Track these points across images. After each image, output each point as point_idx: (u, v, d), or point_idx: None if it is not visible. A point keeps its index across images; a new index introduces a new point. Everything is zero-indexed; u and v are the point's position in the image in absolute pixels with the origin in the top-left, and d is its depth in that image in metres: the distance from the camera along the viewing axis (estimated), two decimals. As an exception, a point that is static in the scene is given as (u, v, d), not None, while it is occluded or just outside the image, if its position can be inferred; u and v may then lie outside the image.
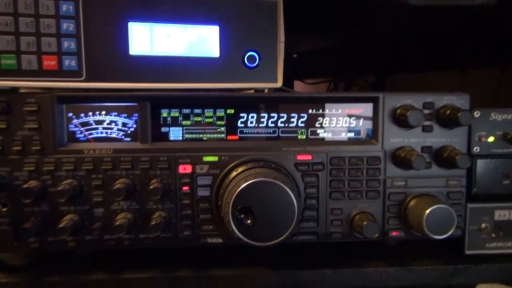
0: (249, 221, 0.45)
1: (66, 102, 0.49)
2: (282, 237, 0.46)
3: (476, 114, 0.53)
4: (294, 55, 1.16)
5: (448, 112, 0.51)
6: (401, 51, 1.05)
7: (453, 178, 0.53)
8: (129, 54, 0.49)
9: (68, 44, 0.47)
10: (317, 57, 1.16)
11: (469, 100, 0.53)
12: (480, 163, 0.54)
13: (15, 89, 0.48)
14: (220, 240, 0.51)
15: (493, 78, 0.96)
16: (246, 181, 0.45)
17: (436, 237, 0.49)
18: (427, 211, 0.49)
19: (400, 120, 0.51)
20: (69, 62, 0.47)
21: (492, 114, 0.54)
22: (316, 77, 1.31)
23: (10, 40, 0.46)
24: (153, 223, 0.48)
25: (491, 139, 0.54)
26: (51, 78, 0.47)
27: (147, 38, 0.50)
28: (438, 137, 0.53)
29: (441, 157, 0.52)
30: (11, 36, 0.46)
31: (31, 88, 0.50)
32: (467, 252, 0.55)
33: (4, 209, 0.48)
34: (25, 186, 0.46)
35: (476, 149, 0.54)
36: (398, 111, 0.52)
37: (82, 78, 0.48)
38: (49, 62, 0.47)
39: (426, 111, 0.52)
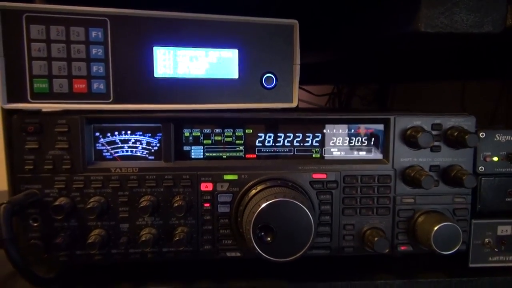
0: (269, 239, 0.48)
1: (94, 123, 0.51)
2: (300, 253, 0.48)
3: (482, 135, 0.56)
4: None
5: (456, 134, 0.54)
6: (404, 62, 1.07)
7: (459, 195, 0.56)
8: (154, 77, 0.52)
9: (97, 68, 0.50)
10: (319, 68, 1.19)
11: (475, 121, 0.56)
12: (485, 182, 0.57)
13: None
14: (238, 254, 0.54)
15: (494, 88, 0.99)
16: (267, 200, 0.47)
17: (443, 253, 0.52)
18: (435, 228, 0.52)
19: (410, 141, 0.54)
20: (98, 85, 0.50)
21: (497, 135, 0.56)
22: (318, 84, 1.34)
23: (43, 65, 0.48)
24: (177, 238, 0.50)
25: (495, 158, 0.57)
26: (81, 100, 0.50)
27: (171, 61, 0.52)
28: (446, 157, 0.56)
29: (448, 176, 0.55)
30: (44, 61, 0.48)
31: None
32: (471, 265, 0.58)
33: (35, 224, 0.50)
34: (57, 203, 0.48)
35: (481, 168, 0.57)
36: (408, 132, 0.55)
37: (110, 100, 0.51)
38: (79, 86, 0.49)
39: (434, 132, 0.55)
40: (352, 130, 0.56)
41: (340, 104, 1.26)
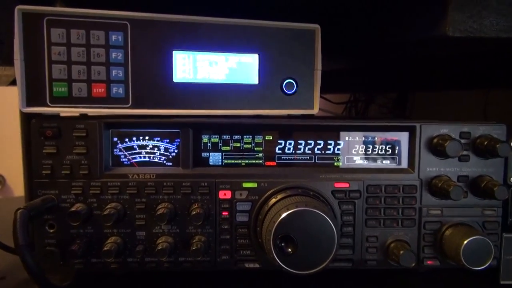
0: (289, 250, 0.46)
1: (112, 128, 0.51)
2: (322, 266, 0.46)
3: (513, 144, 0.53)
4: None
5: (486, 143, 0.51)
6: (424, 69, 1.05)
7: (489, 208, 0.53)
8: (173, 81, 0.51)
9: (116, 73, 0.49)
10: (338, 75, 1.17)
11: (505, 130, 0.53)
12: (517, 194, 0.54)
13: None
14: (257, 265, 0.52)
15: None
16: (288, 210, 0.46)
17: (473, 269, 0.49)
18: (465, 242, 0.49)
19: (437, 150, 0.52)
20: (117, 90, 0.49)
21: (529, 145, 0.54)
22: (335, 93, 1.32)
23: (62, 68, 0.48)
24: (194, 248, 0.49)
25: (527, 169, 0.54)
26: (100, 104, 0.49)
27: (190, 66, 0.51)
28: (475, 167, 0.53)
29: (478, 187, 0.52)
30: (63, 65, 0.48)
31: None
32: (502, 282, 0.55)
33: (51, 231, 0.49)
34: (73, 209, 0.47)
35: (512, 179, 0.54)
36: (435, 140, 0.52)
37: (129, 105, 0.50)
38: (98, 90, 0.49)
39: (462, 141, 0.52)
40: (376, 138, 0.54)
41: (357, 112, 1.24)
